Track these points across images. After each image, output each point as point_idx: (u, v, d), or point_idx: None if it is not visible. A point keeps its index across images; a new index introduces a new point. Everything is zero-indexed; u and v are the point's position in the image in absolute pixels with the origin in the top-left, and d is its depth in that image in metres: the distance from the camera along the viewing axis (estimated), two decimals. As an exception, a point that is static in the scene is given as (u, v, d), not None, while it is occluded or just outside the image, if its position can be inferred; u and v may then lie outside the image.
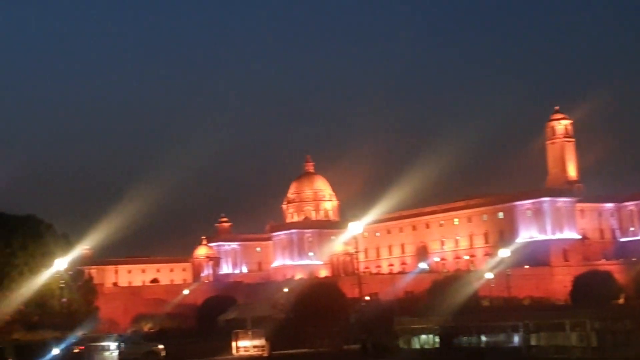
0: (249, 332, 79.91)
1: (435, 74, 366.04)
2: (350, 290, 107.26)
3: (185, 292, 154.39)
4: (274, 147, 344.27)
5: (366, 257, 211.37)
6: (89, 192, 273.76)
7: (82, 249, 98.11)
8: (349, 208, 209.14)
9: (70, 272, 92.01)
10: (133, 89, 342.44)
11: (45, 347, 71.09)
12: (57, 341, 72.80)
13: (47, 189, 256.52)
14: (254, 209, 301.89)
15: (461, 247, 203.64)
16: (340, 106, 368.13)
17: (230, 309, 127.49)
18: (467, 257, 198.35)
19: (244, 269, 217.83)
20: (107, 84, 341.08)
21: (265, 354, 74.25)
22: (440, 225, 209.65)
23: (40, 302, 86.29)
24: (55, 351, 69.58)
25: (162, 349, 75.59)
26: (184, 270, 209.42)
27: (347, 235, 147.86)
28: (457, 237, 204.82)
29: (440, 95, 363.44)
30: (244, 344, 78.32)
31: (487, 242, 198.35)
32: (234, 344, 78.40)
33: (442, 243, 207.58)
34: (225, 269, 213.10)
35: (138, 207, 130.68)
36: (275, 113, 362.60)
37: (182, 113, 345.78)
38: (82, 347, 71.95)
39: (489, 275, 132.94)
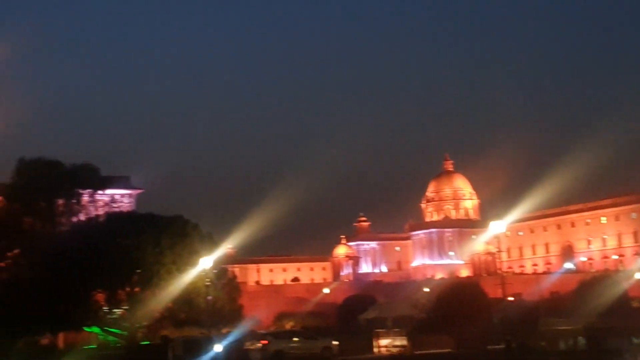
0: (390, 332, 79.80)
1: (581, 69, 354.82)
2: (492, 291, 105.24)
3: (326, 290, 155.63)
4: (413, 146, 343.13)
5: (509, 256, 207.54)
6: (233, 193, 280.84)
7: (226, 248, 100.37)
8: (490, 206, 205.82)
9: (215, 271, 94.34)
10: (278, 90, 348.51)
11: (209, 342, 73.04)
12: (221, 337, 74.79)
13: (193, 190, 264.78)
14: (392, 208, 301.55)
15: (609, 246, 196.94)
16: (480, 103, 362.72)
17: (370, 308, 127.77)
18: (615, 257, 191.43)
19: (384, 268, 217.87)
20: (252, 86, 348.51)
21: (407, 353, 73.88)
22: (587, 224, 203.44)
23: (187, 299, 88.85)
24: (218, 347, 71.30)
25: (336, 345, 76.53)
26: (323, 269, 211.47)
27: (488, 235, 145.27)
28: (605, 236, 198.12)
29: (587, 90, 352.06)
30: (385, 343, 78.23)
31: (636, 241, 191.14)
32: (375, 343, 78.43)
33: (589, 242, 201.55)
34: (365, 268, 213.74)
35: (280, 207, 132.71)
36: (414, 112, 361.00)
37: (323, 113, 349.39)
38: (266, 342, 73.52)
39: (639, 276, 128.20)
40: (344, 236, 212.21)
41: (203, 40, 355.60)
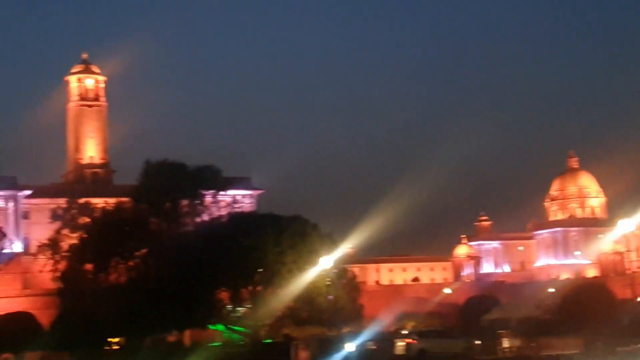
0: (514, 332, 78.18)
1: None
2: (620, 291, 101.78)
3: (447, 291, 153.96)
4: (536, 143, 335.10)
5: (638, 256, 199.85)
6: (353, 193, 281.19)
7: (345, 248, 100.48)
8: (618, 205, 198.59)
9: (335, 271, 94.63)
10: (400, 90, 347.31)
11: (341, 341, 73.38)
12: (352, 336, 75.04)
13: (313, 190, 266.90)
14: (514, 206, 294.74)
15: None
16: (606, 97, 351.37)
17: (493, 308, 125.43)
18: None
19: (506, 268, 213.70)
20: (372, 85, 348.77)
21: (533, 354, 72.14)
22: None
23: (309, 299, 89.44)
24: (350, 346, 71.44)
25: (478, 344, 75.45)
26: (444, 269, 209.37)
27: (616, 233, 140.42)
28: None
29: None
30: (509, 344, 76.67)
31: None
32: (498, 344, 76.93)
33: None
34: (486, 268, 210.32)
35: (400, 206, 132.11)
36: (537, 108, 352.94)
37: (445, 112, 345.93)
38: (414, 341, 73.46)
39: None
40: (464, 236, 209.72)
41: (325, 40, 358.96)
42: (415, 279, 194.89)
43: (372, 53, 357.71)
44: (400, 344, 79.06)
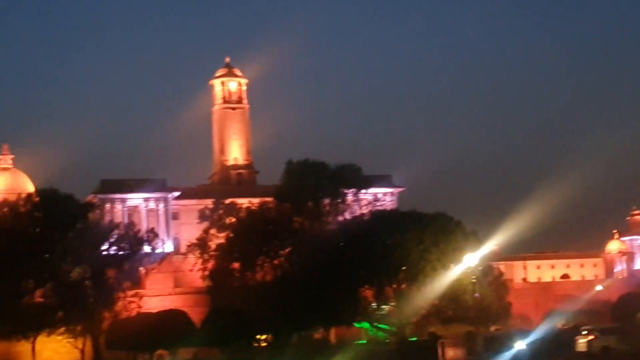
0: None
1: None
2: None
3: (599, 288, 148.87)
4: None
5: None
6: (498, 189, 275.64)
7: (491, 245, 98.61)
8: None
9: (481, 268, 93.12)
10: (549, 83, 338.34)
11: (510, 339, 72.27)
12: (521, 334, 73.72)
13: (456, 187, 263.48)
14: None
15: None
16: None
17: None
18: None
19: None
20: (513, 80, 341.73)
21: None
22: None
23: (454, 296, 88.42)
24: (520, 344, 70.28)
25: None
26: (594, 265, 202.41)
27: None
28: None
29: None
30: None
31: None
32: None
33: None
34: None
35: (547, 202, 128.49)
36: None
37: (589, 103, 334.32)
38: (593, 337, 71.76)
39: None
40: (616, 231, 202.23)
41: (463, 35, 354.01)
42: (565, 276, 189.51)
43: (513, 46, 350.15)
44: (582, 341, 76.49)
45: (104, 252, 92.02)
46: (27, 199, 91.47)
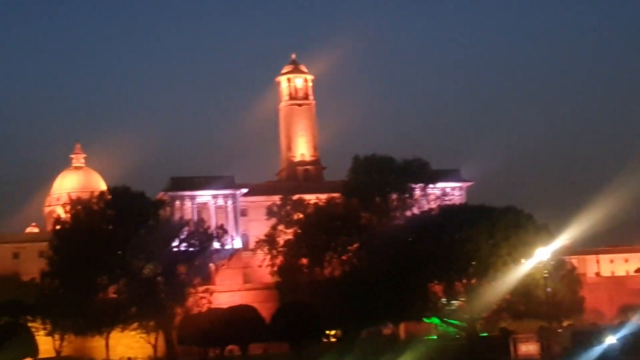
0: None
1: None
2: None
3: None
4: None
5: None
6: (569, 182, 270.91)
7: (563, 239, 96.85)
8: None
9: (552, 262, 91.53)
10: (610, 71, 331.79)
11: (600, 334, 70.96)
12: (613, 329, 72.29)
13: (526, 180, 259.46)
14: None
15: None
16: None
17: None
18: None
19: None
20: (585, 73, 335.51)
21: None
22: None
23: (525, 291, 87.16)
24: (611, 339, 68.98)
25: None
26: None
27: None
28: None
29: None
30: None
31: None
32: None
33: None
34: None
35: (620, 195, 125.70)
36: None
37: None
38: None
39: None
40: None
41: (530, 27, 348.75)
42: (639, 270, 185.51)
43: (582, 36, 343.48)
44: None
45: (175, 249, 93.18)
46: (100, 197, 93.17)
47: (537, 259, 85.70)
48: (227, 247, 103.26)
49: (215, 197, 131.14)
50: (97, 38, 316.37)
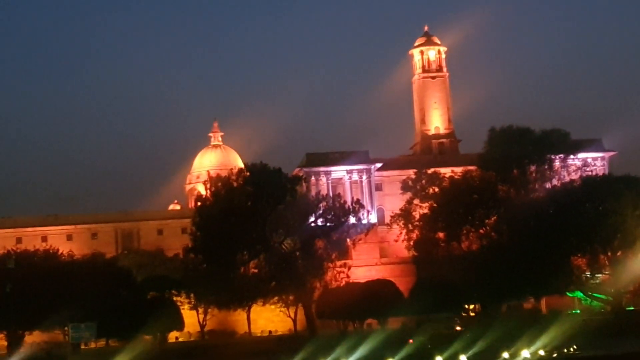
0: None
1: None
2: None
3: None
4: None
5: None
6: None
7: None
8: None
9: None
10: None
11: None
12: None
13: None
14: None
15: None
16: None
17: None
18: None
19: None
20: None
21: None
22: None
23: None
24: None
25: None
26: None
27: None
28: None
29: None
30: None
31: None
32: None
33: None
34: None
35: None
36: None
37: None
38: None
39: None
40: None
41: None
42: None
43: None
44: None
45: (312, 224, 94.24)
46: (239, 174, 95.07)
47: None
48: (363, 222, 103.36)
49: (349, 172, 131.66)
50: (234, 14, 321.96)
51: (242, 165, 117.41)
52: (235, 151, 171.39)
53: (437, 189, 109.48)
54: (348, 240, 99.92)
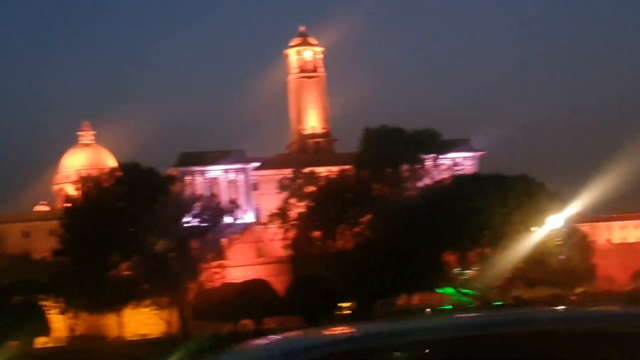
0: None
1: None
2: None
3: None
4: None
5: None
6: (580, 149, 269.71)
7: (575, 206, 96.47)
8: None
9: (565, 230, 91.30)
10: (626, 41, 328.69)
11: None
12: None
13: (537, 148, 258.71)
14: None
15: None
16: None
17: None
18: None
19: None
20: (595, 39, 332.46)
21: None
22: None
23: (538, 259, 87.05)
24: None
25: None
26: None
27: None
28: None
29: None
30: None
31: None
32: None
33: None
34: None
35: (632, 162, 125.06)
36: None
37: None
38: None
39: None
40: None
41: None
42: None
43: (598, 7, 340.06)
44: None
45: (187, 224, 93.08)
46: (110, 173, 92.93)
47: (549, 226, 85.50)
48: (239, 221, 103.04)
49: (226, 171, 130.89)
50: (104, 11, 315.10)
51: (114, 165, 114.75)
52: (107, 151, 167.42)
53: (313, 188, 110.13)
54: (224, 240, 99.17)
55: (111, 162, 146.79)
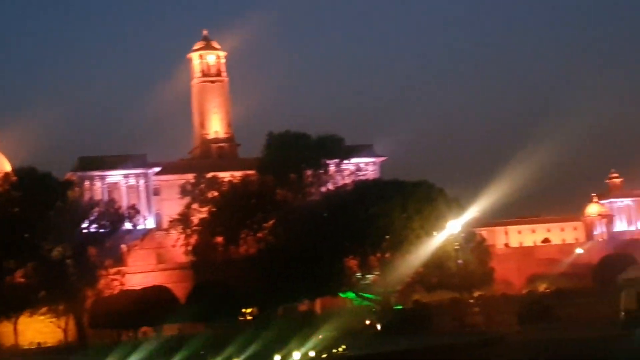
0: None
1: None
2: None
3: (579, 251, 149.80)
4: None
5: None
6: (479, 155, 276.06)
7: (473, 211, 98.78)
8: None
9: (463, 235, 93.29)
10: (526, 49, 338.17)
11: None
12: None
13: (437, 155, 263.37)
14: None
15: None
16: None
17: (629, 267, 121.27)
18: None
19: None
20: (497, 41, 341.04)
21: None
22: None
23: (438, 264, 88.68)
24: None
25: None
26: (575, 229, 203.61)
27: None
28: None
29: None
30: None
31: None
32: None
33: None
34: (619, 226, 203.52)
35: (527, 167, 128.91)
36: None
37: (572, 70, 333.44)
38: None
39: None
40: (595, 194, 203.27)
41: (450, 5, 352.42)
42: (546, 240, 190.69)
43: (497, 10, 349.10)
44: None
45: (85, 230, 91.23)
46: (5, 178, 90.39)
47: (448, 231, 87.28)
48: (140, 227, 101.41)
49: (126, 176, 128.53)
50: (4, 19, 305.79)
51: (9, 169, 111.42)
52: (2, 155, 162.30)
53: (216, 193, 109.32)
54: (123, 246, 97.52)
55: (6, 166, 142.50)
